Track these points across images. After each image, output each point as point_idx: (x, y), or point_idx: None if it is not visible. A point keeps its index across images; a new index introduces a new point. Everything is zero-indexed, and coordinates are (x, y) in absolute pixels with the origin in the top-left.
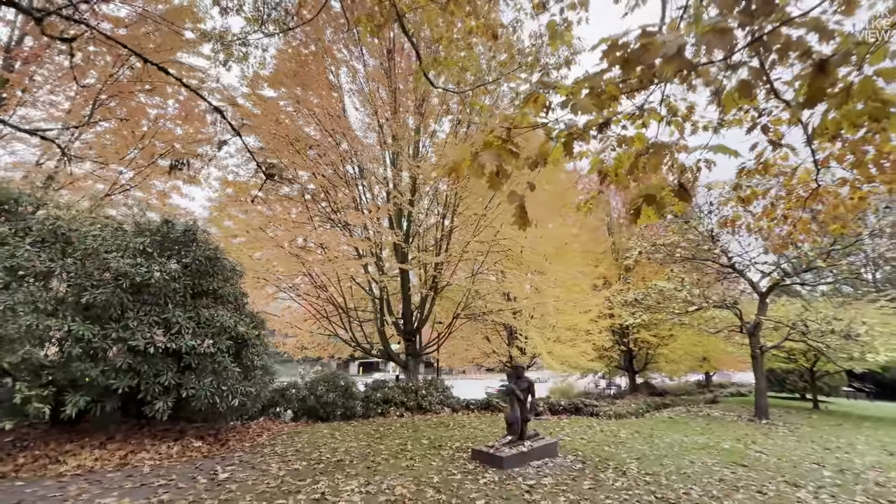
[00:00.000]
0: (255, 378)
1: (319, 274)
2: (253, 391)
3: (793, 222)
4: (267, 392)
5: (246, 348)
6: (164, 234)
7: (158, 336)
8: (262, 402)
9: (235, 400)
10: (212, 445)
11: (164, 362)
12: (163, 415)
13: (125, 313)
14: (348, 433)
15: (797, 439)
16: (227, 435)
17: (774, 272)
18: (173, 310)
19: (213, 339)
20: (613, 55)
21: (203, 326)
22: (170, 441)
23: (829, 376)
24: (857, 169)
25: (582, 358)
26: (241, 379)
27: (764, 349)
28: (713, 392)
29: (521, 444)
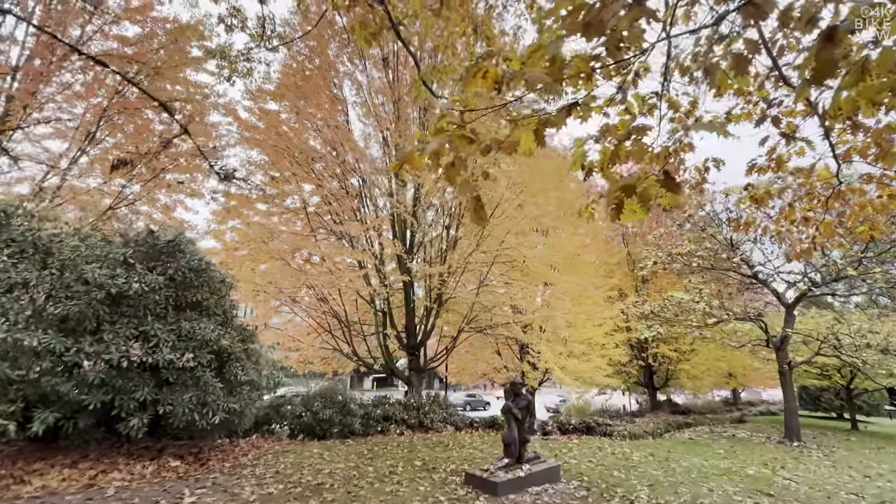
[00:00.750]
0: (240, 394)
1: (322, 287)
2: (237, 407)
3: (815, 225)
4: (253, 408)
5: (230, 363)
6: (150, 245)
7: (134, 349)
8: (250, 418)
9: (217, 417)
10: (190, 465)
11: (140, 377)
12: (138, 432)
13: (101, 326)
14: (339, 453)
15: (832, 465)
16: (210, 454)
17: (801, 282)
18: (152, 322)
19: (194, 352)
20: (573, 20)
21: (184, 340)
22: (146, 460)
23: (868, 394)
24: (882, 161)
25: (597, 373)
26: (224, 395)
27: (793, 365)
28: (741, 410)
29: (519, 468)
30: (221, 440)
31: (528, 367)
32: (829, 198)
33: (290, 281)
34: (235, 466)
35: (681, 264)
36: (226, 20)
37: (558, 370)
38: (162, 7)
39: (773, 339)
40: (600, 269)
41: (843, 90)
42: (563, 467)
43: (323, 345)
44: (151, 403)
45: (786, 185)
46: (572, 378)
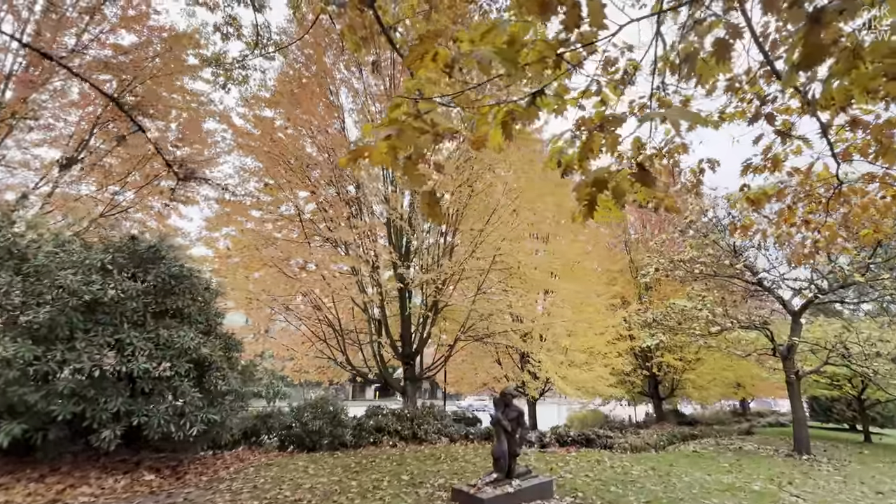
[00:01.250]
0: (221, 404)
1: (316, 294)
2: (217, 418)
3: (816, 228)
4: (234, 419)
5: (210, 372)
6: (131, 251)
7: (108, 358)
8: (233, 429)
9: (195, 428)
10: (165, 479)
11: (114, 387)
12: (110, 444)
13: (74, 333)
14: (325, 466)
15: (843, 480)
16: (188, 467)
17: (807, 289)
18: (129, 330)
19: (172, 361)
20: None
21: (162, 348)
22: (119, 474)
23: (881, 405)
24: (883, 159)
25: (599, 383)
26: (204, 405)
27: (800, 374)
28: (749, 422)
29: (508, 484)
30: (204, 452)
31: (529, 376)
32: (829, 199)
33: (284, 289)
34: (213, 480)
35: (683, 271)
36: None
37: (559, 380)
38: (159, 16)
39: (780, 347)
40: (602, 276)
41: (835, 78)
42: (558, 482)
43: (317, 354)
44: (125, 414)
45: (783, 187)
46: (574, 388)
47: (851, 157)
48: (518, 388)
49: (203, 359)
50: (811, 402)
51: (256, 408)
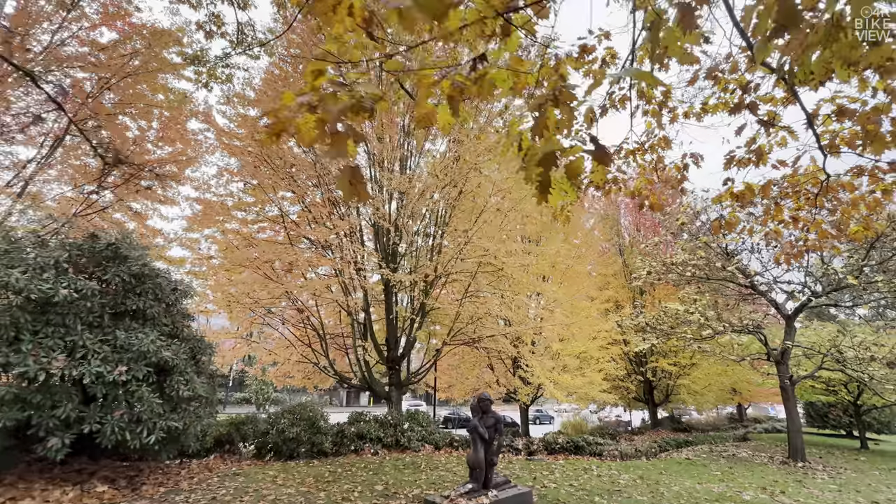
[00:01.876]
0: (185, 410)
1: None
2: (179, 426)
3: (805, 226)
4: (199, 427)
5: (172, 376)
6: (90, 250)
7: (57, 361)
8: (198, 437)
9: (153, 436)
10: (119, 490)
11: (64, 392)
12: (58, 453)
13: (20, 335)
14: (297, 475)
15: (838, 488)
16: (147, 477)
17: (800, 292)
18: (82, 332)
19: (129, 365)
20: None
21: (119, 351)
22: (69, 485)
23: (878, 410)
24: (871, 148)
25: (591, 388)
26: (165, 411)
27: (794, 379)
28: (746, 427)
29: (484, 495)
30: (170, 461)
31: (520, 381)
32: (817, 194)
33: (268, 292)
34: (171, 492)
35: (676, 275)
36: (205, 26)
37: (550, 385)
38: (141, 14)
39: (774, 352)
40: (596, 280)
41: (814, 49)
42: (541, 492)
43: (300, 359)
44: (76, 421)
45: (769, 181)
46: (565, 393)
47: (839, 150)
48: (510, 393)
49: (165, 362)
50: (807, 407)
51: (230, 414)
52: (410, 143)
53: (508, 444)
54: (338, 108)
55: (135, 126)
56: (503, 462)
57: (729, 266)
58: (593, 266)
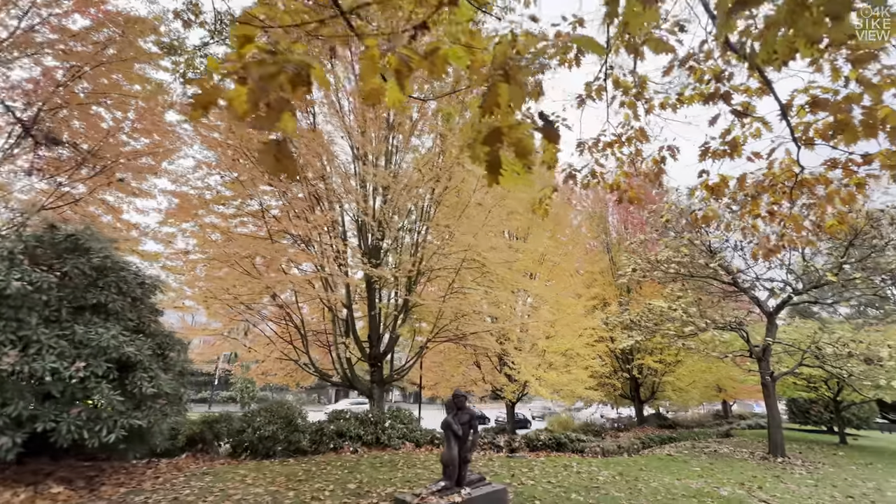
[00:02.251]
0: (150, 408)
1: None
2: (143, 424)
3: (782, 220)
4: (164, 425)
5: (135, 373)
6: (49, 241)
7: (8, 357)
8: (164, 435)
9: (113, 435)
10: (76, 492)
11: (15, 389)
12: (8, 453)
13: None
14: (269, 474)
15: (815, 483)
16: (109, 477)
17: (780, 289)
18: (36, 326)
19: (88, 361)
20: None
21: (77, 347)
22: (22, 486)
23: (857, 406)
24: (843, 138)
25: (577, 385)
26: (128, 409)
27: (775, 376)
28: (730, 424)
29: (456, 493)
30: (137, 461)
31: (505, 379)
32: (792, 188)
33: (248, 287)
34: (131, 492)
35: (661, 272)
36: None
37: (535, 382)
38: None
39: (756, 349)
40: (583, 277)
41: (777, 26)
42: (518, 490)
43: (280, 356)
44: (28, 420)
45: (745, 173)
46: (550, 390)
47: (813, 142)
48: (496, 391)
49: (127, 358)
50: (790, 404)
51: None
52: (397, 138)
53: (490, 441)
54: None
55: (109, 117)
56: (483, 459)
57: (712, 263)
58: (580, 263)
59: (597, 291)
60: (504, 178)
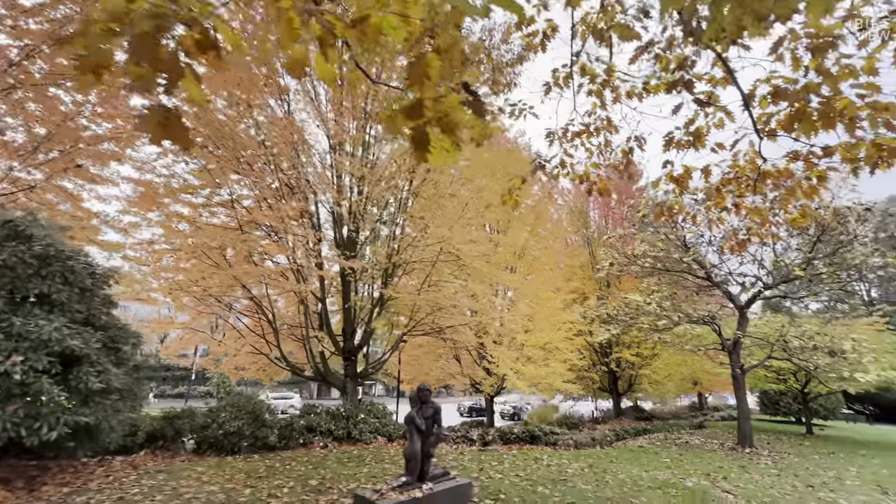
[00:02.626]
0: (100, 404)
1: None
2: (90, 420)
3: (747, 214)
4: (114, 422)
5: (80, 367)
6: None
7: None
8: (114, 431)
9: (54, 432)
10: (13, 492)
11: None
12: None
13: None
14: (229, 471)
15: (778, 472)
16: (52, 477)
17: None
18: None
19: (26, 355)
20: None
21: (16, 340)
22: None
23: (823, 398)
24: (800, 127)
25: (555, 378)
26: (74, 405)
27: (745, 369)
28: (705, 415)
29: (418, 488)
30: (87, 459)
31: (483, 372)
32: (756, 180)
33: (219, 279)
34: (74, 492)
35: (638, 267)
36: None
37: (512, 375)
38: None
39: (727, 342)
40: (563, 271)
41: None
42: (484, 483)
43: (251, 350)
44: None
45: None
46: (528, 384)
47: (776, 134)
48: (475, 384)
49: (72, 352)
50: (761, 396)
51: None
52: (374, 128)
53: (463, 434)
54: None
55: (69, 100)
56: (454, 453)
57: (686, 258)
58: (561, 257)
59: (576, 285)
60: (433, 155)
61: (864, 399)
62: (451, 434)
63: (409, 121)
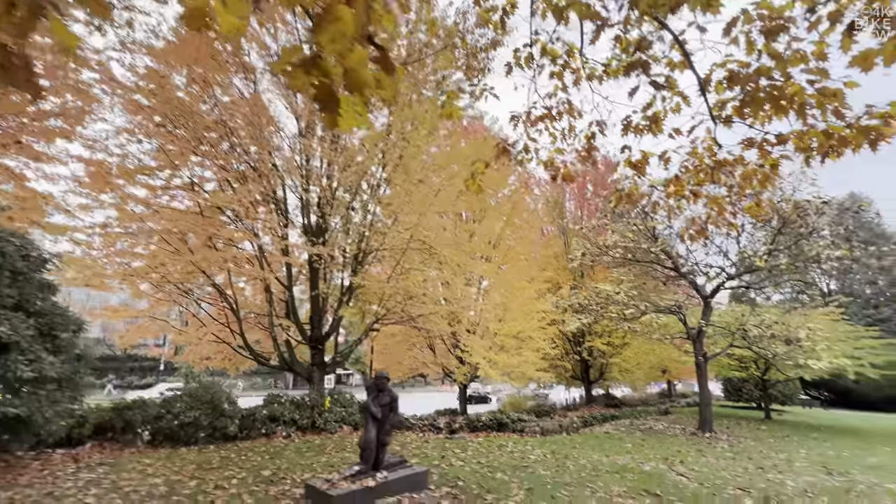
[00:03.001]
0: (34, 395)
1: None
2: (21, 412)
3: (707, 202)
4: (52, 412)
5: (8, 355)
6: None
7: None
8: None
9: None
10: None
11: None
12: None
13: None
14: (178, 463)
15: (733, 456)
16: None
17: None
18: None
19: None
20: None
21: None
22: None
23: (782, 384)
24: (750, 110)
25: (528, 367)
26: (3, 396)
27: (707, 356)
28: (673, 402)
29: (371, 477)
30: (23, 452)
31: (456, 361)
32: (713, 168)
33: (181, 266)
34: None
35: (610, 257)
36: None
37: (485, 364)
38: None
39: (691, 331)
40: (538, 261)
41: None
42: (444, 470)
43: (212, 339)
44: None
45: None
46: (501, 372)
47: (731, 120)
48: (448, 373)
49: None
50: (725, 383)
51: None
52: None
53: (430, 423)
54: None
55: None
56: (419, 441)
57: (653, 248)
58: (536, 247)
59: (550, 275)
60: (343, 118)
61: (819, 385)
62: (419, 422)
63: (308, 76)
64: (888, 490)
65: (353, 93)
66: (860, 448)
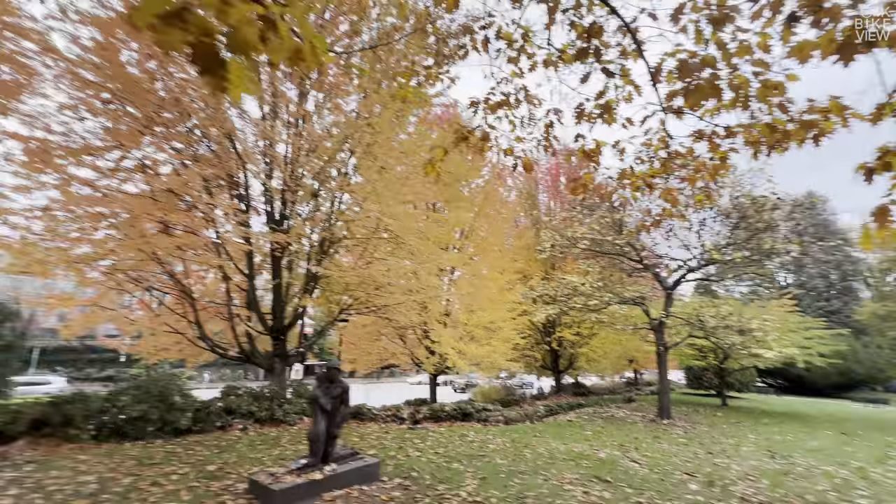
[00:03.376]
0: None
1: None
2: None
3: (662, 193)
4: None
5: None
6: None
7: None
8: None
9: None
10: None
11: None
12: None
13: None
14: (117, 459)
15: (686, 442)
16: None
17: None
18: None
19: None
20: None
21: None
22: None
23: (739, 372)
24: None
25: (497, 357)
26: None
27: (667, 346)
28: (639, 390)
29: (318, 470)
30: None
31: (424, 352)
32: (666, 160)
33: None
34: None
35: (578, 249)
36: None
37: (454, 354)
38: None
39: (653, 321)
40: (510, 252)
41: None
42: (400, 461)
43: (167, 329)
44: None
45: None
46: (470, 363)
47: (682, 111)
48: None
49: None
50: (687, 371)
51: None
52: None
53: (393, 413)
54: None
55: None
56: (380, 432)
57: (618, 240)
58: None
59: (522, 266)
60: (232, 85)
61: (774, 373)
62: (381, 413)
63: (184, 33)
64: (825, 472)
65: (237, 54)
66: (804, 432)
